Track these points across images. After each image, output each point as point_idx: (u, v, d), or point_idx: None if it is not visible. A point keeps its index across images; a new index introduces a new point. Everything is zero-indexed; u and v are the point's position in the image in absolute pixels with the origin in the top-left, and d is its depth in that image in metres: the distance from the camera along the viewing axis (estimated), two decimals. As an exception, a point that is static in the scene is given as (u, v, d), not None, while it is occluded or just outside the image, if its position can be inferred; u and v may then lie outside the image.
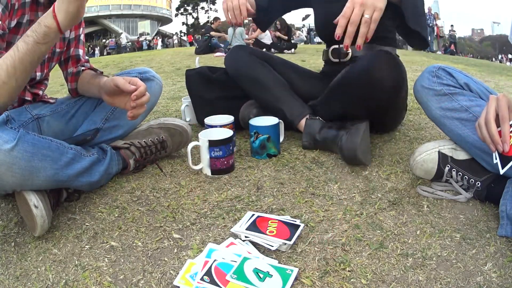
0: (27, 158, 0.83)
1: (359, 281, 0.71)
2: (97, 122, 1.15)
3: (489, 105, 0.81)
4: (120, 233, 0.89)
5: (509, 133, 0.78)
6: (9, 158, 0.79)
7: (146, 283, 0.73)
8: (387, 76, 1.11)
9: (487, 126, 0.80)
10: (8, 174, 0.80)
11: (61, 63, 1.20)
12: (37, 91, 1.14)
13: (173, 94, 2.50)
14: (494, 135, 0.79)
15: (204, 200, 1.02)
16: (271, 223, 0.86)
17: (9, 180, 0.81)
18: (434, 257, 0.76)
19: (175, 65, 4.78)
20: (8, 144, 0.79)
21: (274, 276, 0.71)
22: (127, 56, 9.48)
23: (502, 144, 0.78)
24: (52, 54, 1.11)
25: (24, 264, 0.80)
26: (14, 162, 0.80)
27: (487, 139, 0.81)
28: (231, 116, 1.30)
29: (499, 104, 0.80)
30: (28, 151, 0.83)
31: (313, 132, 1.28)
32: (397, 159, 1.22)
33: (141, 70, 1.24)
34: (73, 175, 0.94)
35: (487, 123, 0.80)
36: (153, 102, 1.27)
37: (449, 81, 0.97)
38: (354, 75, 1.17)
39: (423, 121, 1.64)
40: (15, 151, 0.80)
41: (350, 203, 0.98)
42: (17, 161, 0.81)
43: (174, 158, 1.30)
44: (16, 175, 0.81)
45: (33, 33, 0.82)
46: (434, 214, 0.92)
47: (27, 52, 0.82)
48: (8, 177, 0.81)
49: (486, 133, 0.81)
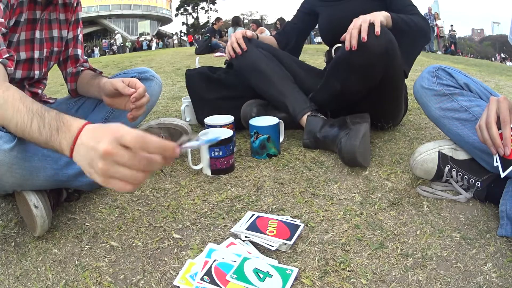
0: (27, 158, 0.82)
1: (359, 281, 0.71)
2: (97, 122, 1.15)
3: (490, 107, 0.81)
4: (120, 233, 0.89)
5: (510, 136, 0.78)
6: (9, 158, 0.79)
7: (146, 283, 0.73)
8: (375, 43, 1.13)
9: (488, 128, 0.80)
10: (8, 174, 0.80)
11: (60, 63, 1.20)
12: (36, 90, 1.14)
13: (173, 94, 2.50)
14: (496, 138, 0.79)
15: (204, 200, 1.02)
16: (271, 223, 0.86)
17: (9, 180, 0.81)
18: (434, 257, 0.76)
19: (175, 65, 4.78)
20: (8, 144, 0.79)
21: (274, 276, 0.71)
22: (127, 56, 9.48)
23: (503, 147, 0.78)
24: (50, 53, 1.11)
25: (24, 264, 0.80)
26: (14, 162, 0.80)
27: (488, 142, 0.80)
28: (231, 116, 1.30)
29: (500, 106, 0.79)
30: (28, 151, 0.83)
31: (314, 130, 1.29)
32: (397, 159, 1.22)
33: (140, 70, 1.24)
34: (73, 175, 0.94)
35: (488, 125, 0.80)
36: (153, 102, 1.27)
37: (449, 81, 0.97)
38: (345, 52, 1.19)
39: (423, 121, 1.64)
40: (15, 151, 0.80)
41: (350, 203, 0.98)
42: (17, 161, 0.80)
43: (174, 158, 1.30)
44: (16, 175, 0.81)
45: (46, 130, 0.66)
46: (434, 214, 0.92)
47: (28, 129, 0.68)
48: (8, 177, 0.80)
49: (487, 136, 0.80)
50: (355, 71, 1.20)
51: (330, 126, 1.27)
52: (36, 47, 1.04)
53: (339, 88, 1.27)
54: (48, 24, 1.07)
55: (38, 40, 1.04)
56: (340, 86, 1.26)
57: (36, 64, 1.05)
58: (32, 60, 1.04)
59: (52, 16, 1.08)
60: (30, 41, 1.01)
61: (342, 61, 1.24)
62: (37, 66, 1.06)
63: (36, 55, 1.04)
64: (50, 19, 1.07)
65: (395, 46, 1.18)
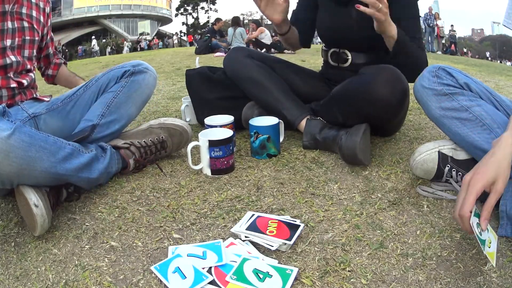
0: (24, 147, 0.83)
1: (359, 281, 0.71)
2: (93, 119, 1.16)
3: (468, 194, 0.72)
4: (120, 233, 0.89)
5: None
6: (5, 146, 0.80)
7: (146, 283, 0.73)
8: (390, 95, 1.10)
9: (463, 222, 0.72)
10: (5, 162, 0.81)
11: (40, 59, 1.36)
12: (20, 80, 1.16)
13: (173, 94, 2.50)
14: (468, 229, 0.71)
15: (204, 200, 1.02)
16: (271, 223, 0.86)
17: (6, 168, 0.82)
18: (434, 257, 0.76)
19: (175, 65, 4.78)
20: (5, 132, 0.80)
21: (274, 276, 0.71)
22: (127, 56, 9.49)
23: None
24: (23, 42, 1.16)
25: (24, 264, 0.80)
26: (11, 150, 0.81)
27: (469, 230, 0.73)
28: (231, 116, 1.30)
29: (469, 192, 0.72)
30: (25, 141, 0.84)
31: (313, 132, 1.28)
32: (397, 159, 1.22)
33: (134, 63, 1.26)
34: (71, 169, 0.94)
35: (462, 219, 0.72)
36: (148, 94, 1.28)
37: (449, 81, 0.97)
38: (356, 91, 1.16)
39: (423, 121, 1.64)
40: (12, 140, 0.81)
41: (350, 203, 0.98)
42: (14, 149, 0.81)
43: (174, 158, 1.30)
44: (13, 163, 0.82)
45: None
46: (434, 214, 0.92)
47: None
48: (5, 166, 0.81)
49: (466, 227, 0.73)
50: (360, 116, 1.18)
51: (330, 128, 1.27)
52: (8, 36, 1.11)
53: (341, 120, 1.25)
54: (19, 15, 1.14)
55: (10, 30, 1.11)
56: (342, 120, 1.25)
57: (9, 51, 1.11)
58: (5, 49, 1.10)
59: (23, 10, 1.15)
60: (1, 32, 1.09)
61: (347, 99, 1.21)
62: (10, 53, 1.12)
63: (8, 43, 1.11)
64: (21, 12, 1.15)
65: (408, 95, 1.16)
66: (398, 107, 1.14)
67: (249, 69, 1.39)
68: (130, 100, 1.22)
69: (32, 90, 1.23)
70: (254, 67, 1.39)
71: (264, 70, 1.40)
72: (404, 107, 1.18)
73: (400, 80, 1.11)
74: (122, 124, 1.21)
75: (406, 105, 1.23)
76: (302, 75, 1.50)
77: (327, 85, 1.47)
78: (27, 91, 1.20)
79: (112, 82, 1.22)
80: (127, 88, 1.21)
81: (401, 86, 1.11)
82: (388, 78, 1.11)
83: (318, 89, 1.46)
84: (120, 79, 1.22)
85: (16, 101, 1.15)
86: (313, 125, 1.29)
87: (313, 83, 1.48)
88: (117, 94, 1.19)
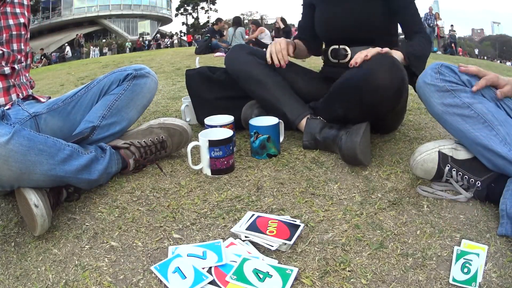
0: (23, 152, 0.83)
1: (359, 281, 0.71)
2: (94, 120, 1.16)
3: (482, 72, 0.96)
4: (120, 233, 0.89)
5: None
6: (4, 151, 0.80)
7: (146, 283, 0.73)
8: (389, 83, 1.10)
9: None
10: (4, 167, 0.81)
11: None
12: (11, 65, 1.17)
13: (173, 94, 2.50)
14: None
15: (204, 200, 1.02)
16: (271, 223, 0.86)
17: (5, 173, 0.82)
18: (434, 257, 0.76)
19: (175, 65, 4.78)
20: (3, 137, 0.80)
21: (274, 276, 0.71)
22: (127, 56, 9.49)
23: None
24: (10, 37, 1.17)
25: (24, 264, 0.80)
26: (10, 155, 0.81)
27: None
28: (231, 116, 1.30)
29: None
30: (23, 145, 0.84)
31: (313, 132, 1.28)
32: (397, 159, 1.22)
33: (136, 67, 1.26)
34: (71, 171, 0.94)
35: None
36: (149, 99, 1.28)
37: (452, 78, 0.97)
38: (355, 81, 1.17)
39: (423, 121, 1.64)
40: (11, 145, 0.81)
41: (350, 203, 0.98)
42: (13, 154, 0.81)
43: (174, 158, 1.30)
44: (12, 168, 0.82)
45: None
46: (434, 214, 0.92)
47: None
48: (5, 171, 0.81)
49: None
50: (361, 106, 1.18)
51: (330, 128, 1.27)
52: None
53: (341, 114, 1.25)
54: (4, 15, 1.16)
55: None
56: (343, 113, 1.25)
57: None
58: None
59: (8, 10, 1.17)
60: None
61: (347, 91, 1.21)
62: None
63: None
64: (6, 11, 1.16)
65: (406, 84, 1.16)
66: (397, 94, 1.14)
67: (250, 67, 1.39)
68: (132, 103, 1.22)
69: (26, 85, 1.24)
70: (255, 65, 1.39)
71: (266, 68, 1.39)
72: (403, 94, 1.18)
73: (399, 68, 1.13)
74: (122, 126, 1.21)
75: (405, 94, 1.23)
76: (303, 75, 1.50)
77: (327, 85, 1.47)
78: (22, 86, 1.21)
79: (114, 84, 1.22)
80: (129, 91, 1.21)
81: (399, 74, 1.13)
82: (387, 67, 1.12)
83: (319, 89, 1.46)
84: (122, 82, 1.22)
85: (13, 99, 1.15)
86: (313, 124, 1.29)
87: (313, 83, 1.48)
88: (118, 96, 1.19)
